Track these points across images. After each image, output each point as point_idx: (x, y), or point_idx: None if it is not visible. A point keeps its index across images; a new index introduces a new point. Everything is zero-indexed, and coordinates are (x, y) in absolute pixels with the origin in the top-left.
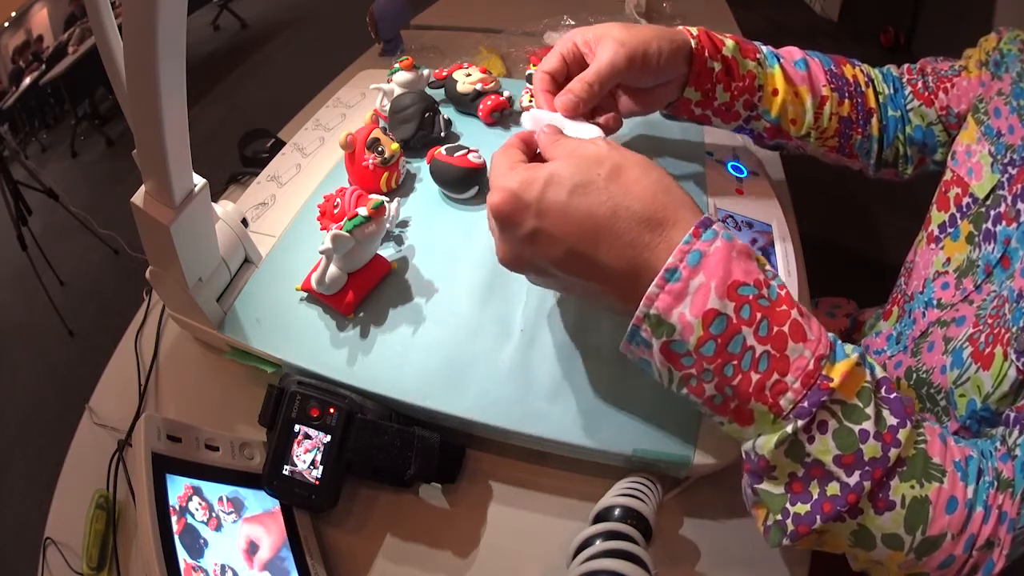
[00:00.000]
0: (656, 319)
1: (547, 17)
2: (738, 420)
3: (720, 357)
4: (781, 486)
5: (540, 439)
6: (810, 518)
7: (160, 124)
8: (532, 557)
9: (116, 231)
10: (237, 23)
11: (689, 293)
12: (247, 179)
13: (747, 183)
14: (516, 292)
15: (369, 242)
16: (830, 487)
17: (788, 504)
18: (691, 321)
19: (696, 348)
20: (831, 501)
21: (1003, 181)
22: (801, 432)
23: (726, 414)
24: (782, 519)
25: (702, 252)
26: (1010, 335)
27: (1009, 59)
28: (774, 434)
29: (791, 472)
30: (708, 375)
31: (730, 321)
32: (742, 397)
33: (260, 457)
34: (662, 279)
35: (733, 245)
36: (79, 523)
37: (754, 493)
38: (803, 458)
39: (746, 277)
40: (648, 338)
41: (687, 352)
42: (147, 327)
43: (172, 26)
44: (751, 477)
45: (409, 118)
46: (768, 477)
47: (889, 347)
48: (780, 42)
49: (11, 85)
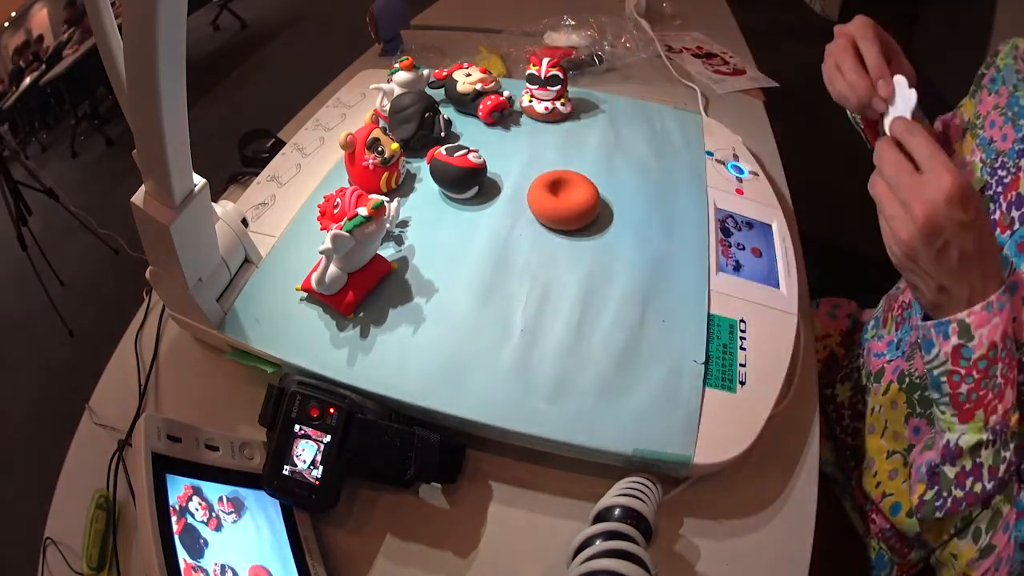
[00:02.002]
0: (966, 327)
1: (547, 17)
2: (961, 415)
3: (983, 373)
4: (953, 473)
5: (540, 439)
6: (959, 502)
7: (160, 124)
8: (532, 557)
9: (116, 231)
10: (237, 23)
11: (990, 324)
12: (247, 179)
13: (747, 183)
14: (516, 292)
15: (369, 242)
16: (976, 487)
17: (953, 487)
18: (984, 341)
19: (976, 359)
20: (973, 495)
21: (991, 183)
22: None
23: (957, 407)
24: (946, 496)
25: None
26: None
27: (1006, 72)
28: (976, 436)
29: (964, 465)
30: (970, 379)
31: (997, 354)
32: (977, 404)
33: (260, 457)
34: (984, 305)
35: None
36: (79, 523)
37: (930, 472)
38: (975, 458)
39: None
40: (951, 333)
41: (968, 358)
42: (147, 327)
43: (172, 26)
44: (942, 458)
45: (409, 118)
46: (951, 463)
47: (889, 352)
48: (780, 42)
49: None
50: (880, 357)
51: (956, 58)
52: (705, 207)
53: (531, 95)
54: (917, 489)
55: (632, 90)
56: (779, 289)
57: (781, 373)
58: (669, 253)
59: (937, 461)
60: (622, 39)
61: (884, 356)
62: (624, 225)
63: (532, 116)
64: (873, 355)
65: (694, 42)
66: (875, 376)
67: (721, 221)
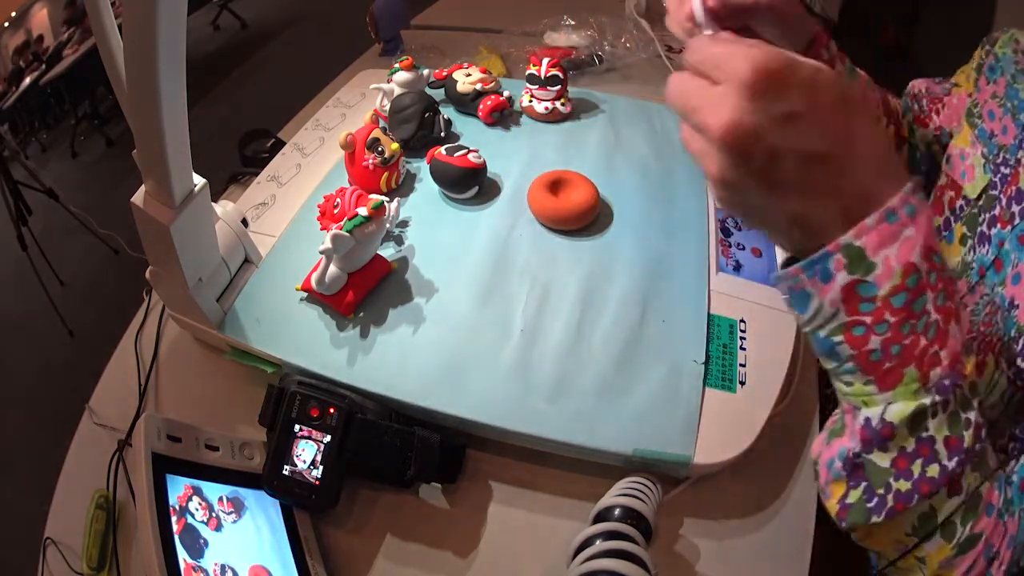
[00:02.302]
0: (858, 252)
1: (547, 17)
2: (880, 382)
3: (904, 312)
4: (888, 459)
5: (540, 439)
6: (909, 496)
7: (160, 124)
8: (532, 557)
9: (116, 231)
10: (237, 23)
11: (899, 240)
12: (247, 179)
13: None
14: (516, 292)
15: (369, 242)
16: (930, 468)
17: (891, 479)
18: (894, 266)
19: (887, 296)
20: (929, 482)
21: (995, 181)
22: (930, 407)
23: (871, 373)
24: (882, 494)
25: (916, 207)
26: (1001, 344)
27: (1004, 62)
28: (911, 402)
29: (902, 446)
30: (883, 327)
31: (921, 280)
32: (903, 359)
33: (260, 457)
34: (882, 215)
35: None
36: (79, 523)
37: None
38: (920, 432)
39: (936, 246)
40: (834, 270)
41: (872, 297)
42: (147, 327)
43: (172, 26)
44: (864, 445)
45: (409, 118)
46: (881, 448)
47: None
48: None
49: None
50: None
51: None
52: (705, 207)
53: (531, 95)
54: (833, 492)
55: (632, 90)
56: None
57: (781, 373)
58: (669, 253)
59: (857, 449)
60: (622, 39)
61: None
62: (624, 225)
63: (532, 116)
64: None
65: None
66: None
67: (721, 221)
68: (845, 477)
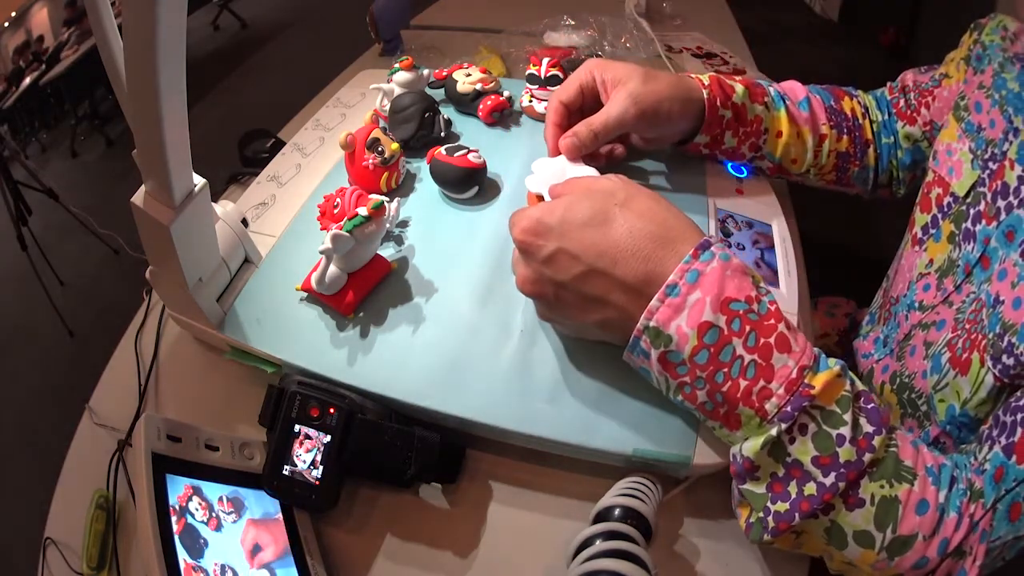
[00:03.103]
0: (655, 331)
1: (547, 17)
2: (728, 425)
3: (712, 365)
4: (763, 486)
5: (540, 439)
6: (789, 515)
7: (160, 124)
8: (532, 557)
9: (116, 231)
10: (237, 23)
11: (686, 307)
12: (247, 179)
13: (747, 183)
14: (516, 292)
15: (369, 242)
16: (807, 487)
17: (769, 503)
18: (687, 332)
19: (691, 357)
20: (808, 500)
21: (984, 178)
22: (784, 434)
23: (717, 419)
24: (764, 516)
25: (699, 271)
26: (987, 341)
27: (991, 50)
28: (760, 436)
29: (772, 472)
30: (701, 382)
31: (722, 333)
32: (731, 402)
33: (260, 457)
34: (663, 294)
35: (729, 264)
36: (79, 523)
37: (739, 493)
38: (784, 458)
39: (738, 293)
40: (647, 348)
41: (682, 361)
42: (147, 327)
43: (172, 26)
44: (736, 479)
45: (409, 118)
46: (751, 478)
47: (877, 350)
48: (780, 42)
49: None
50: (868, 358)
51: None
52: (705, 207)
53: (531, 95)
54: (741, 514)
55: None
56: (779, 289)
57: None
58: None
59: (736, 482)
60: (622, 39)
61: (872, 356)
62: None
63: (532, 116)
64: (861, 356)
65: (694, 42)
66: (865, 378)
67: (721, 221)
68: (743, 501)
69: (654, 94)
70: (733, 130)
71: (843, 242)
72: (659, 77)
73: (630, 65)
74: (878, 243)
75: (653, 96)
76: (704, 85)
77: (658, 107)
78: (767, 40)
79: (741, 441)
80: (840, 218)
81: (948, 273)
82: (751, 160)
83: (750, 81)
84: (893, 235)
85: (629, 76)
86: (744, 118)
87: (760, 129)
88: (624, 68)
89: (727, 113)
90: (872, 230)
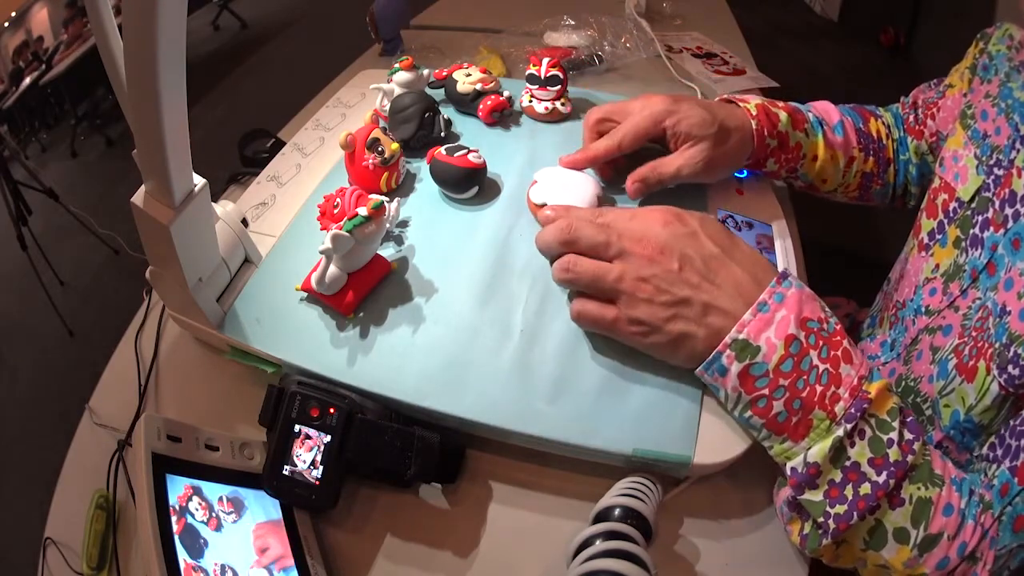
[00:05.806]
0: (743, 343)
1: (547, 17)
2: (794, 435)
3: (795, 372)
4: (820, 493)
5: (540, 439)
6: (848, 515)
7: (160, 124)
8: (532, 557)
9: (116, 231)
10: (237, 23)
11: (775, 322)
12: (247, 179)
13: (747, 183)
14: (516, 292)
15: (369, 242)
16: (863, 488)
17: (828, 507)
18: (775, 343)
19: (776, 366)
20: (864, 499)
21: (989, 183)
22: (846, 437)
23: (785, 431)
24: (823, 521)
25: (783, 294)
26: (993, 350)
27: (998, 60)
28: (827, 440)
29: (831, 479)
30: (780, 391)
31: (802, 345)
32: (807, 407)
33: (260, 457)
34: (755, 309)
35: (803, 291)
36: (79, 523)
37: (792, 507)
38: (843, 463)
39: (812, 314)
40: (728, 364)
41: (765, 372)
42: (147, 327)
43: (172, 26)
44: (795, 490)
45: (409, 118)
46: (811, 486)
47: (883, 353)
48: (780, 42)
49: (11, 85)
50: (874, 359)
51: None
52: (705, 207)
53: (531, 95)
54: (792, 529)
55: (632, 90)
56: None
57: None
58: None
59: (792, 494)
60: (622, 39)
61: (879, 358)
62: None
63: (532, 116)
64: (868, 358)
65: (694, 42)
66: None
67: (721, 221)
68: (796, 516)
69: (724, 157)
70: (776, 157)
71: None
72: (729, 134)
73: (702, 119)
74: (878, 244)
75: (723, 159)
76: (752, 116)
77: (724, 165)
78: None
79: (803, 451)
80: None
81: (954, 278)
82: (784, 179)
83: (791, 107)
84: (893, 236)
85: (702, 135)
86: (787, 145)
87: (799, 155)
88: (698, 125)
89: (772, 142)
90: (872, 231)
